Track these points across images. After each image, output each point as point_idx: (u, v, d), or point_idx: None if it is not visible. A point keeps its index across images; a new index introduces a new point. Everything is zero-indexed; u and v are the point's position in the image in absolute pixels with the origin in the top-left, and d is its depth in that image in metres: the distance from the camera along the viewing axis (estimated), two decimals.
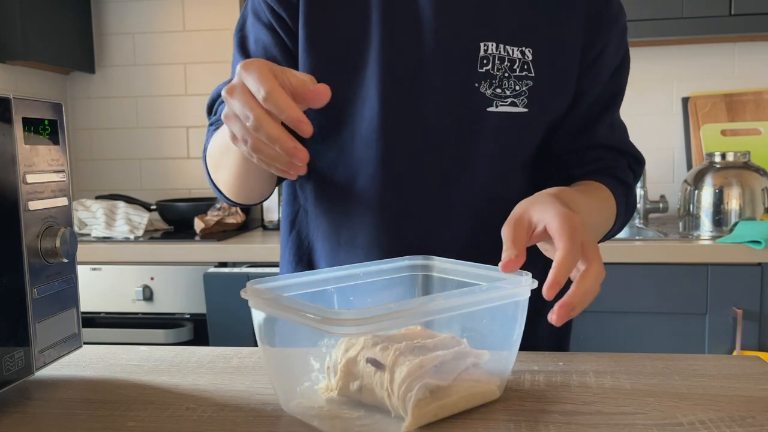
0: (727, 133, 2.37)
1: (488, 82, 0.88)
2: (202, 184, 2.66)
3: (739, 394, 0.69)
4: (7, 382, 0.67)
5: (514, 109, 0.89)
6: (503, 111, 0.88)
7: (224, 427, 0.63)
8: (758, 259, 1.85)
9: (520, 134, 0.91)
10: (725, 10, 2.07)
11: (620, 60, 0.97)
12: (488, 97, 0.88)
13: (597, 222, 0.89)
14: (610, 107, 0.97)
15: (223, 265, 2.07)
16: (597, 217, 0.88)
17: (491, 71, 0.88)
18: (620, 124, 1.00)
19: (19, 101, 0.68)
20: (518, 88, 0.89)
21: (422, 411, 0.60)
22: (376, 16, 0.88)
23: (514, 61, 0.88)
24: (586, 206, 0.80)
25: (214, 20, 2.59)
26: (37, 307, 0.70)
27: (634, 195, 1.00)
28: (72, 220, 0.76)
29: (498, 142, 0.90)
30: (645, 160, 1.02)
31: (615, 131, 0.99)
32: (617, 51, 0.96)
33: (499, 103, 0.88)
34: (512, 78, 0.88)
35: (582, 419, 0.63)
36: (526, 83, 0.89)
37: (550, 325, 0.66)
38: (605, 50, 0.93)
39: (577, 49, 0.91)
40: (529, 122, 0.90)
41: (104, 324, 2.10)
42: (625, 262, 1.90)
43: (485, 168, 0.90)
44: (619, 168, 0.97)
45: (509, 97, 0.88)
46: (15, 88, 2.38)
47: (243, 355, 0.84)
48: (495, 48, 0.88)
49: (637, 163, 1.00)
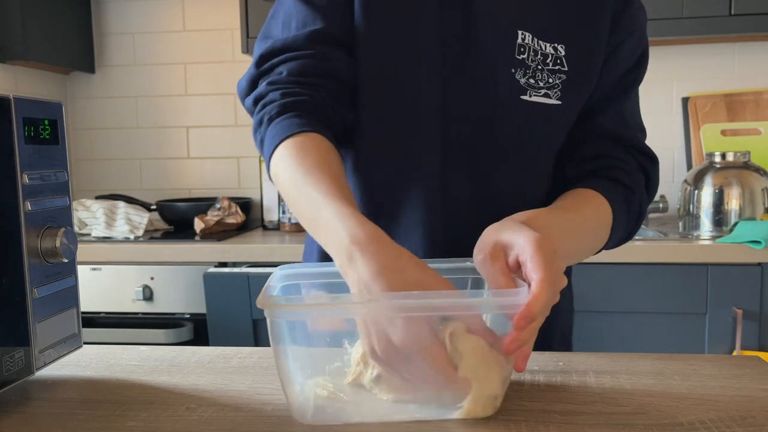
0: (727, 133, 2.37)
1: (523, 70, 0.87)
2: (202, 184, 2.66)
3: (739, 394, 0.69)
4: (7, 382, 0.67)
5: (547, 100, 0.88)
6: (536, 101, 0.88)
7: (224, 427, 0.63)
8: (758, 259, 1.85)
9: (553, 127, 0.90)
10: (725, 10, 2.07)
11: (637, 58, 0.94)
12: (522, 86, 0.87)
13: (573, 246, 0.83)
14: (618, 100, 0.93)
15: (223, 265, 2.07)
16: (574, 240, 0.82)
17: (526, 61, 0.87)
18: (633, 120, 0.95)
19: (19, 101, 0.69)
20: (551, 81, 0.88)
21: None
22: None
23: (547, 56, 0.88)
24: (561, 229, 0.76)
25: (214, 20, 2.59)
26: (37, 307, 0.70)
27: (640, 199, 0.92)
28: (72, 220, 0.76)
29: (530, 132, 0.89)
30: (658, 159, 0.95)
31: (624, 123, 0.93)
32: (634, 49, 0.93)
33: (533, 93, 0.87)
34: (545, 71, 0.88)
35: (582, 419, 0.63)
36: (560, 77, 0.88)
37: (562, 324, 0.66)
38: (621, 47, 0.92)
39: (604, 45, 0.90)
40: (562, 115, 0.90)
41: (104, 324, 2.10)
42: (625, 262, 1.90)
43: (518, 159, 0.90)
44: (622, 168, 0.91)
45: (542, 88, 0.88)
46: (15, 88, 2.38)
47: (243, 355, 0.84)
48: (530, 39, 0.88)
49: (650, 162, 0.94)
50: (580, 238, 0.84)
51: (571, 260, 0.87)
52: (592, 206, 0.87)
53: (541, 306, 0.61)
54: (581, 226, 0.84)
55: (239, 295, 1.97)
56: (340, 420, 0.65)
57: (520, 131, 0.89)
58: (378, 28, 0.88)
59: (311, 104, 0.84)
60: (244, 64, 2.56)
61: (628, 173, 0.91)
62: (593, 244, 0.89)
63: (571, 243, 0.80)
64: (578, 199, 0.87)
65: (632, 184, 0.91)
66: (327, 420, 0.65)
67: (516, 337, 0.61)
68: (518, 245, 0.66)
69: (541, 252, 0.64)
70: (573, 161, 0.93)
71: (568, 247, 0.79)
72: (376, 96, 0.89)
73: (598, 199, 0.87)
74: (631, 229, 0.92)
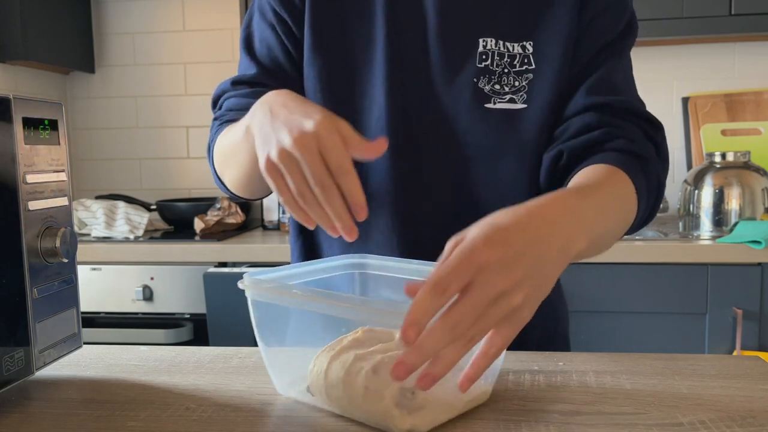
0: (727, 133, 2.37)
1: (487, 78, 0.88)
2: (202, 184, 2.66)
3: (739, 394, 0.69)
4: (7, 382, 0.67)
5: (512, 105, 0.89)
6: (501, 108, 0.88)
7: (224, 427, 0.63)
8: (758, 259, 1.85)
9: (519, 131, 0.90)
10: (725, 10, 2.07)
11: (619, 33, 0.89)
12: (486, 94, 0.88)
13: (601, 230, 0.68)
14: (599, 70, 0.87)
15: (223, 265, 2.07)
16: (601, 223, 0.68)
17: (490, 67, 0.88)
18: (625, 89, 0.88)
19: (19, 101, 0.68)
20: (517, 84, 0.88)
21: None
22: (380, 13, 0.90)
23: (515, 57, 0.88)
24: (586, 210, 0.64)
25: (214, 20, 2.59)
26: (37, 307, 0.70)
27: (657, 170, 0.81)
28: (72, 220, 0.76)
29: (496, 139, 0.89)
30: (662, 125, 0.87)
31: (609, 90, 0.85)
32: (611, 24, 0.89)
33: (497, 100, 0.88)
34: (512, 74, 0.88)
35: (582, 419, 0.63)
36: (527, 77, 0.88)
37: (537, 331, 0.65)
38: (594, 22, 0.88)
39: (573, 27, 0.88)
40: (529, 117, 0.89)
41: (104, 324, 2.10)
42: (625, 262, 1.90)
43: (487, 165, 0.90)
44: (625, 137, 0.81)
45: (507, 93, 0.88)
46: (15, 88, 2.38)
47: (243, 355, 0.84)
48: (494, 44, 0.88)
49: (654, 128, 0.86)
50: (606, 219, 0.70)
51: (601, 245, 0.73)
52: (613, 181, 0.75)
53: (420, 312, 0.50)
54: (606, 205, 0.71)
55: (239, 295, 1.95)
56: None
57: (484, 138, 0.89)
58: (329, 50, 0.91)
59: None
60: None
61: (634, 141, 0.82)
62: (621, 225, 0.76)
63: (599, 226, 0.67)
64: (596, 177, 0.75)
65: (643, 153, 0.81)
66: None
67: (404, 356, 0.50)
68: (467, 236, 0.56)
69: (463, 247, 0.53)
70: (564, 141, 0.86)
71: (595, 231, 0.65)
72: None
73: (616, 173, 0.76)
74: (652, 206, 0.82)
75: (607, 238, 0.74)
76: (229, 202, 2.36)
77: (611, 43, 0.89)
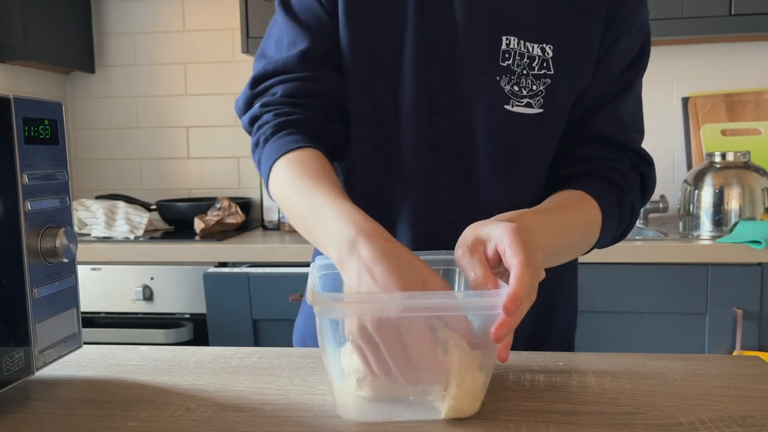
0: (727, 133, 2.37)
1: (507, 77, 0.88)
2: (202, 184, 2.66)
3: (739, 394, 0.69)
4: (7, 382, 0.67)
5: (528, 110, 0.88)
6: (518, 112, 0.88)
7: (224, 427, 0.63)
8: (758, 259, 1.85)
9: (535, 135, 0.90)
10: (725, 10, 2.07)
11: (636, 54, 0.92)
12: (506, 95, 0.88)
13: (558, 244, 0.81)
14: (615, 100, 0.92)
15: (223, 265, 2.07)
16: (559, 239, 0.81)
17: (511, 66, 0.87)
18: (630, 121, 0.94)
19: (19, 101, 0.69)
20: (535, 88, 0.88)
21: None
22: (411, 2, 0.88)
23: (534, 59, 0.87)
24: (545, 228, 0.75)
25: (214, 20, 2.59)
26: (37, 307, 0.70)
27: (633, 200, 0.91)
28: (72, 220, 0.76)
29: (513, 141, 0.89)
30: (653, 161, 0.94)
31: (620, 125, 0.92)
32: (632, 45, 0.91)
33: (515, 103, 0.88)
34: (530, 76, 0.88)
35: (582, 419, 0.64)
36: (544, 82, 0.88)
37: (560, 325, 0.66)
38: (617, 44, 0.90)
39: (597, 43, 0.89)
40: (545, 123, 0.90)
41: (104, 324, 2.10)
42: (625, 262, 1.90)
43: (502, 167, 0.90)
44: (616, 168, 0.90)
45: (525, 97, 0.88)
46: (15, 88, 2.38)
47: (243, 355, 0.84)
48: (516, 43, 0.87)
49: (644, 164, 0.93)
50: (565, 236, 0.84)
51: (558, 258, 0.86)
52: (581, 208, 0.86)
53: (526, 287, 0.62)
54: (567, 226, 0.84)
55: (239, 295, 1.97)
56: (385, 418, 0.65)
57: (502, 140, 0.89)
58: (360, 42, 0.90)
59: (305, 122, 0.87)
60: (244, 64, 2.56)
61: (621, 173, 0.90)
62: (582, 244, 0.88)
63: (556, 241, 0.79)
64: (565, 201, 0.87)
65: (625, 185, 0.90)
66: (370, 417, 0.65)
67: (504, 322, 0.61)
68: (495, 236, 0.67)
69: (518, 238, 0.65)
70: (566, 163, 0.93)
71: (554, 245, 0.78)
72: (365, 110, 0.91)
73: (586, 200, 0.87)
74: (623, 230, 0.92)
75: (567, 251, 0.87)
76: (229, 202, 2.36)
77: (630, 66, 0.92)
